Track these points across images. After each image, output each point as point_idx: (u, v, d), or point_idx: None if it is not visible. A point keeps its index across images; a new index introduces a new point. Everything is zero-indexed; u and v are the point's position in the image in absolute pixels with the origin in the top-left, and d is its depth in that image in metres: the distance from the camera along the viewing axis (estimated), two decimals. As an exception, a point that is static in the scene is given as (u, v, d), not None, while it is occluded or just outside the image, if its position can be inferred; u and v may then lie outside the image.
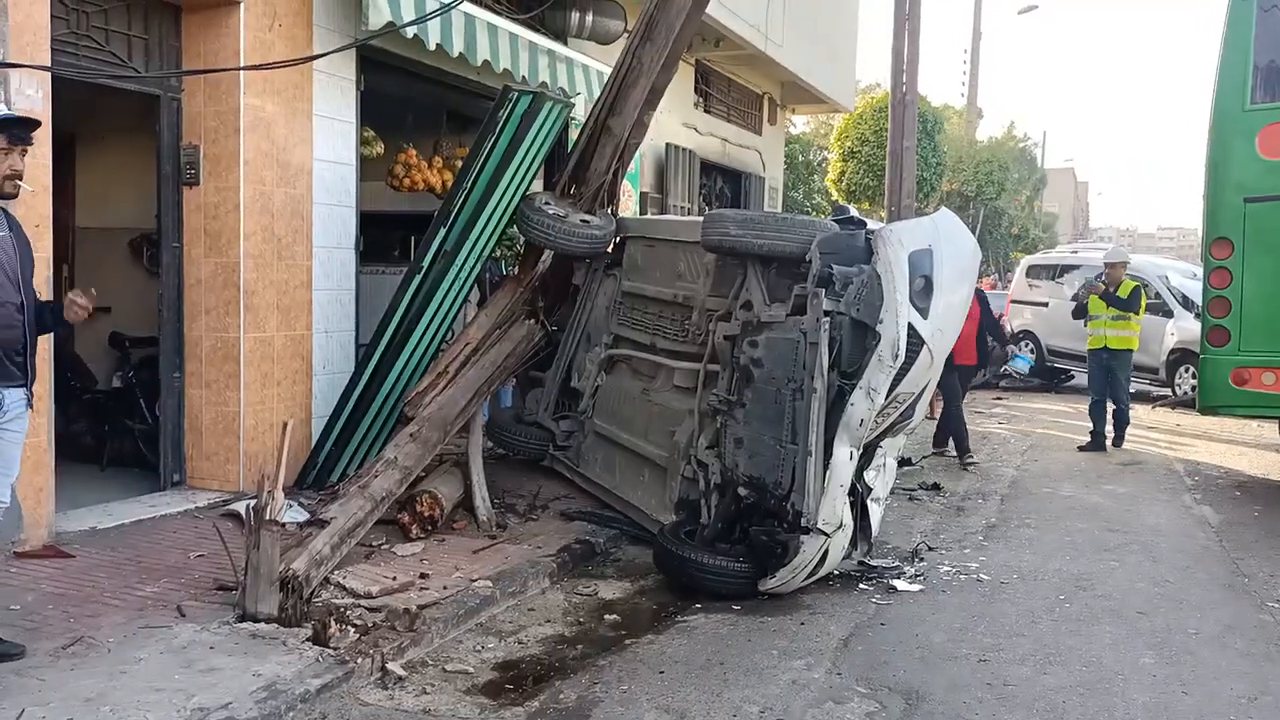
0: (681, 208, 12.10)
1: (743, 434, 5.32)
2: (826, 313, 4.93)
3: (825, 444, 4.92)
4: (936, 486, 8.06)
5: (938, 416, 9.81)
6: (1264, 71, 7.92)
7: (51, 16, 5.11)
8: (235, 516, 5.60)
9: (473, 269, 6.69)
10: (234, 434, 6.29)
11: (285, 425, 4.69)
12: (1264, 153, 7.79)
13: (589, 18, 9.09)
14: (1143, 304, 10.23)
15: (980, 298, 8.98)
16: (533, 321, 6.83)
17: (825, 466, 4.92)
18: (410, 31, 6.49)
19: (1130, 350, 10.19)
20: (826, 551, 5.04)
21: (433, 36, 6.69)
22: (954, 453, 9.39)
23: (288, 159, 6.45)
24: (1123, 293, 10.05)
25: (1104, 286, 10.25)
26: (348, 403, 6.48)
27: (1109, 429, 10.17)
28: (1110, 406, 10.19)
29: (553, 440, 7.20)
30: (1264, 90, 7.88)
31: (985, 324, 9.56)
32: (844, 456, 4.94)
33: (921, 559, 6.00)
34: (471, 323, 6.86)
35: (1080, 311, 10.68)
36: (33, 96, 4.88)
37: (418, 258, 6.59)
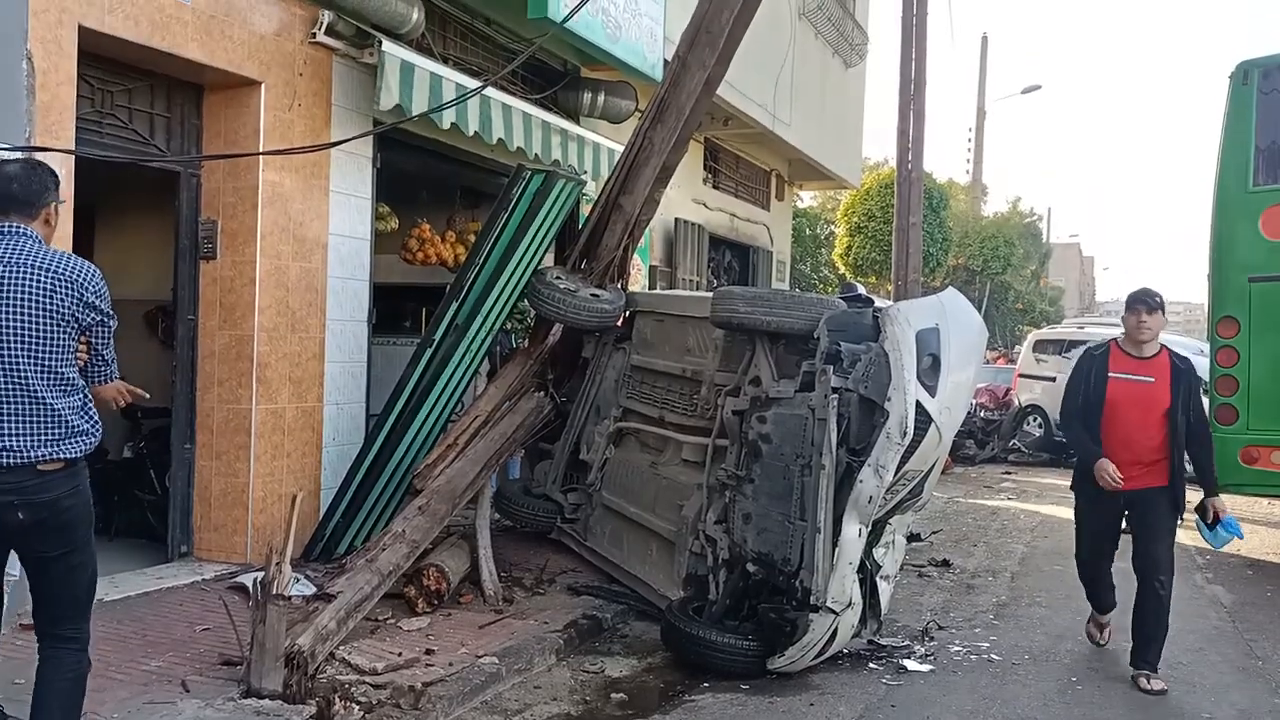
0: (690, 281, 12.21)
1: (751, 510, 5.32)
2: (835, 389, 4.96)
3: (834, 521, 4.91)
4: (946, 563, 8.01)
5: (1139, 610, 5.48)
6: (1266, 153, 8.04)
7: (77, 96, 5.25)
8: (242, 589, 5.58)
9: (484, 342, 6.76)
10: (243, 505, 6.30)
11: (294, 499, 4.70)
12: (1268, 234, 7.87)
13: (601, 98, 9.28)
14: None
15: (1177, 373, 5.33)
16: (542, 394, 6.88)
17: (834, 544, 4.91)
18: (421, 110, 6.64)
19: None
20: (836, 630, 5.00)
21: (448, 116, 6.84)
22: (1152, 686, 5.17)
23: (304, 233, 6.56)
24: None
25: None
26: (357, 474, 6.49)
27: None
28: None
29: (561, 513, 7.19)
30: (1266, 172, 7.99)
31: (1185, 418, 5.34)
32: (853, 534, 4.93)
33: (932, 638, 5.94)
34: (481, 395, 6.90)
35: None
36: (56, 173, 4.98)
37: (429, 331, 6.65)
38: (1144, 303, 5.38)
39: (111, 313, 3.33)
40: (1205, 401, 9.75)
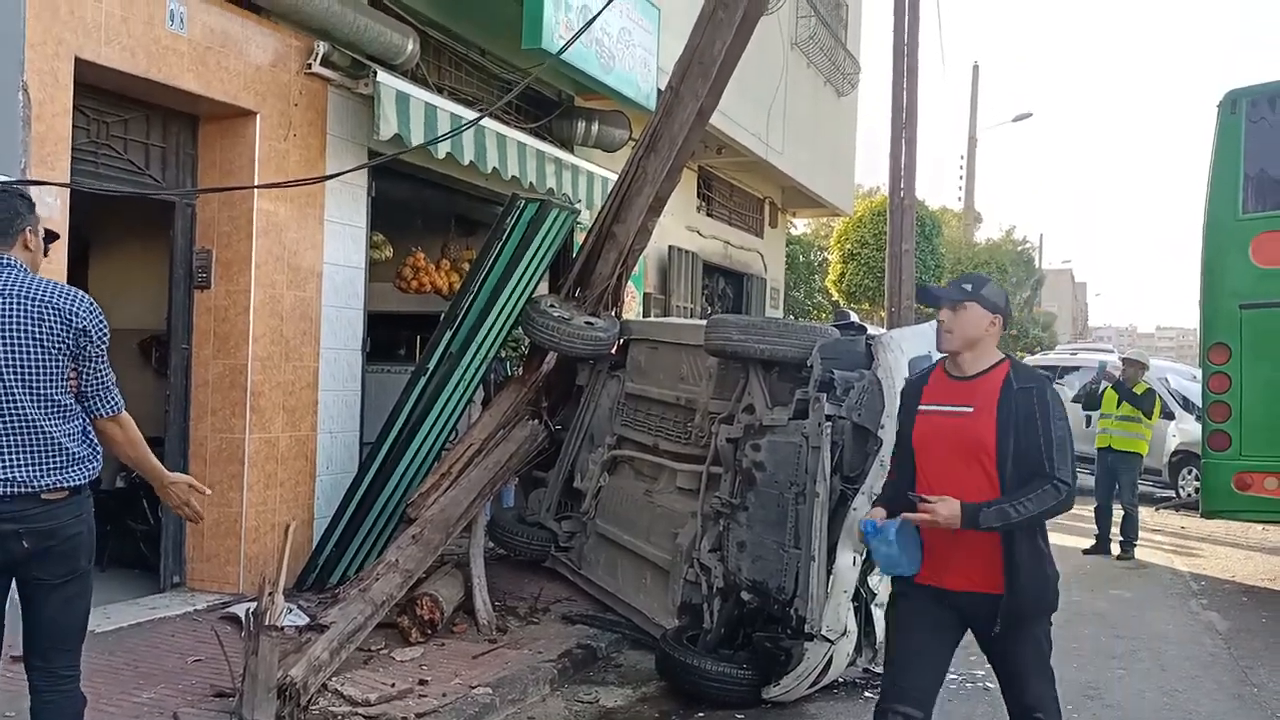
0: (684, 308, 12.24)
1: (745, 537, 5.31)
2: (828, 417, 4.97)
3: (829, 549, 4.91)
4: (941, 591, 7.98)
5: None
6: (1254, 181, 8.12)
7: (73, 126, 5.27)
8: (234, 619, 5.56)
9: (478, 371, 6.76)
10: (236, 535, 6.28)
11: (287, 528, 4.70)
12: (1258, 260, 7.94)
13: (595, 127, 9.34)
14: (1156, 409, 10.11)
15: (1010, 398, 3.35)
16: (536, 422, 6.87)
17: (829, 572, 4.90)
18: (417, 140, 6.67)
19: (1137, 454, 10.01)
20: (831, 659, 4.98)
21: (443, 146, 6.87)
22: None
23: (298, 262, 6.58)
24: (1137, 391, 9.96)
25: (1118, 376, 10.17)
26: (350, 503, 6.48)
27: (1116, 534, 10.02)
28: (1119, 512, 10.03)
29: (555, 541, 7.17)
30: (1255, 200, 8.07)
31: (1021, 465, 3.32)
32: (847, 562, 4.92)
33: (927, 666, 5.91)
34: (476, 423, 6.90)
35: (1092, 401, 10.56)
36: (51, 204, 5.00)
37: (423, 360, 6.66)
38: (945, 296, 3.48)
39: (103, 338, 3.31)
40: (1198, 426, 9.57)
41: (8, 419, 3.13)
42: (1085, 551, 10.05)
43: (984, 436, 3.34)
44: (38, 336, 3.15)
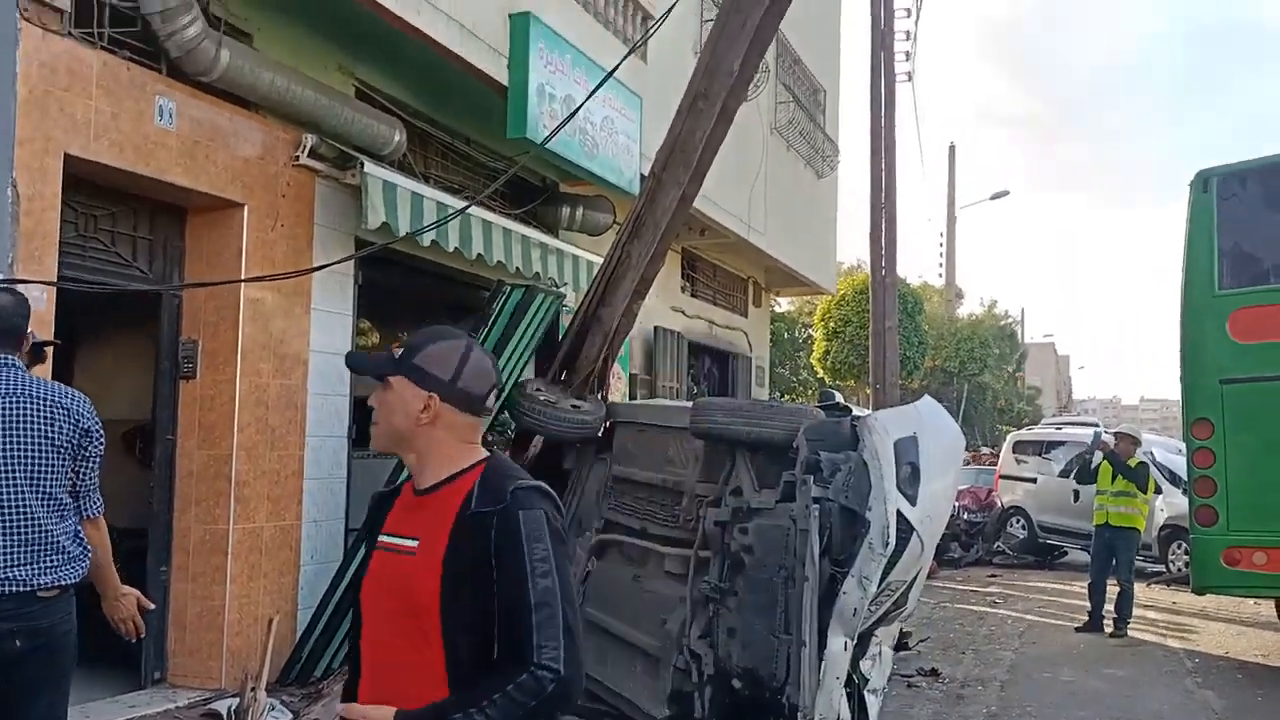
0: (670, 389, 12.27)
1: (735, 623, 5.25)
2: (815, 499, 4.95)
3: (819, 633, 4.86)
4: (935, 672, 7.90)
5: None
6: (1229, 258, 8.25)
7: (60, 220, 5.31)
8: (216, 717, 5.44)
9: (464, 457, 6.72)
10: (218, 629, 6.17)
11: (271, 621, 4.63)
12: (1235, 336, 8.02)
13: (579, 212, 9.47)
14: (1150, 484, 10.10)
15: (466, 527, 2.01)
16: (523, 507, 6.82)
17: (820, 657, 4.85)
18: (404, 229, 6.75)
19: (1134, 529, 9.97)
20: (824, 747, 4.90)
21: (429, 234, 6.95)
22: None
23: (284, 350, 6.59)
24: (1130, 464, 9.95)
25: (1112, 446, 10.14)
26: (335, 593, 6.38)
27: (1110, 608, 9.95)
28: (1113, 588, 9.95)
29: (543, 629, 7.05)
30: (1230, 276, 8.19)
31: (477, 636, 1.99)
32: (839, 647, 4.87)
33: (922, 752, 5.83)
34: (462, 510, 6.84)
35: (1085, 474, 10.51)
36: (38, 298, 5.02)
37: (409, 446, 6.63)
38: (368, 368, 2.34)
39: (102, 439, 3.40)
40: (1185, 500, 9.58)
41: (12, 517, 3.15)
42: (1078, 629, 9.96)
43: (424, 590, 2.02)
44: (50, 436, 3.21)
